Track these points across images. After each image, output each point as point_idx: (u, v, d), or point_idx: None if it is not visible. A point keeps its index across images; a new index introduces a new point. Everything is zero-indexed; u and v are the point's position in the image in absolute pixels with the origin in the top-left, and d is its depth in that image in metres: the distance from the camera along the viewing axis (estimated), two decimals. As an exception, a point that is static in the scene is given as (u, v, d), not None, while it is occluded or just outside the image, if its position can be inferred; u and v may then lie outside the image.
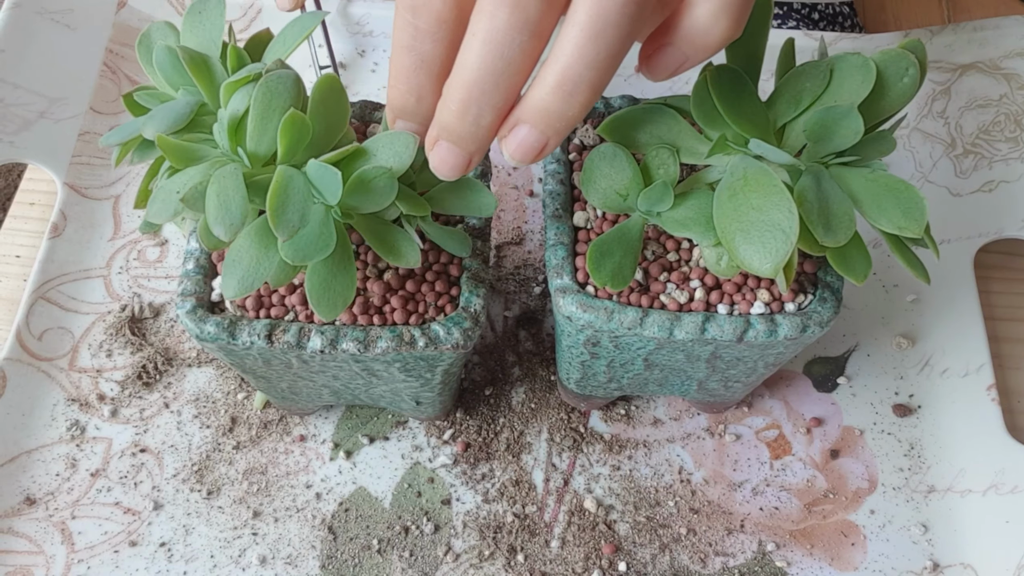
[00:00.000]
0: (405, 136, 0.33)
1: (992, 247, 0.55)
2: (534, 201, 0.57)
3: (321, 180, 0.32)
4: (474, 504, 0.47)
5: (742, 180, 0.34)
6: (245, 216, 0.31)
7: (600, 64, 0.28)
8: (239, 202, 0.31)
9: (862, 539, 0.47)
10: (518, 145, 0.30)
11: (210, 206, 0.31)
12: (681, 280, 0.39)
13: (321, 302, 0.34)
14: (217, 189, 0.31)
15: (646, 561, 0.46)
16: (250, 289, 0.33)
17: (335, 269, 0.34)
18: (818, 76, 0.34)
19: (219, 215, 0.31)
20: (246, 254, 0.33)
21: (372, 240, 0.35)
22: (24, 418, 0.48)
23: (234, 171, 0.32)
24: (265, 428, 0.49)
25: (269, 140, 0.33)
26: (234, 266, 0.33)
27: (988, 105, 0.58)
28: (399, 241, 0.35)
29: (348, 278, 0.34)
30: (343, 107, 0.34)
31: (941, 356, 0.52)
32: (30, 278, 0.52)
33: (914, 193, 0.34)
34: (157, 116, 0.34)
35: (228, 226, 0.31)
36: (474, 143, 0.30)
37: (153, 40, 0.38)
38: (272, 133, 0.32)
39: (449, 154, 0.31)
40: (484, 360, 0.51)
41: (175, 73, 0.36)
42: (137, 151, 0.37)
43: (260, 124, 0.32)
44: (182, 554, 0.45)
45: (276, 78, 0.33)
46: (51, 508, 0.46)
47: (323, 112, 0.33)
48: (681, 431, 0.50)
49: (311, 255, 0.32)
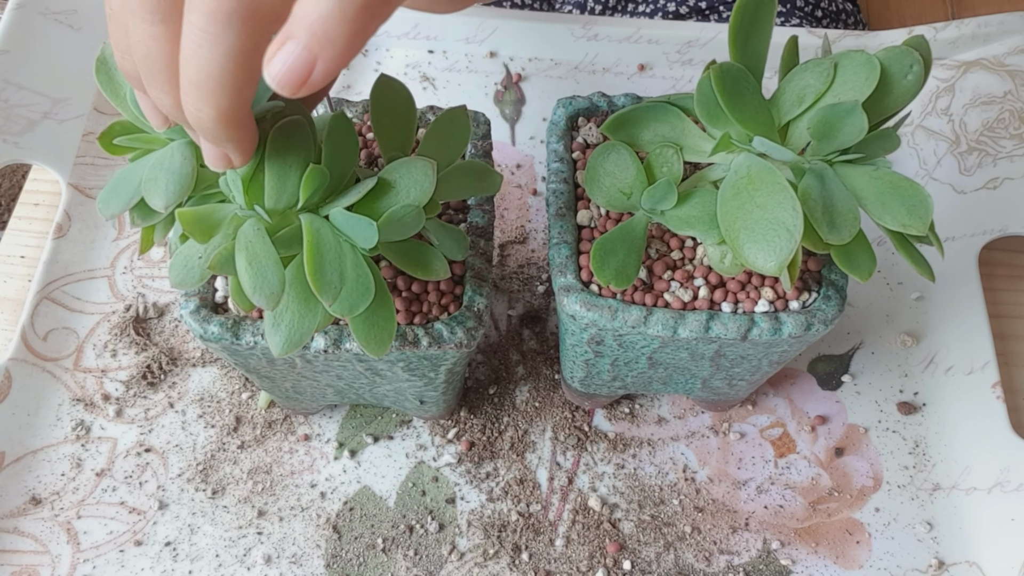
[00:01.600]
0: (422, 164, 0.32)
1: (997, 244, 0.55)
2: (537, 200, 0.57)
3: (353, 229, 0.31)
4: (478, 503, 0.47)
5: (746, 178, 0.34)
6: (283, 283, 0.31)
7: None
8: (273, 268, 0.31)
9: (867, 537, 0.47)
10: (283, 66, 0.24)
11: (244, 275, 0.30)
12: (685, 278, 0.39)
13: (370, 343, 0.33)
14: (247, 256, 0.30)
15: (650, 559, 0.46)
16: (299, 345, 0.32)
17: (376, 307, 0.33)
18: (822, 74, 0.34)
19: (256, 285, 0.30)
20: (288, 312, 0.32)
21: (401, 262, 0.35)
22: (29, 418, 0.48)
23: (258, 231, 0.31)
24: (269, 427, 0.49)
25: (289, 195, 0.32)
26: (277, 326, 0.32)
27: (992, 102, 0.58)
28: (426, 257, 0.35)
29: (388, 312, 0.34)
30: (353, 145, 0.33)
31: (946, 354, 0.52)
32: (34, 278, 0.52)
33: (918, 190, 0.34)
34: (159, 181, 0.32)
35: (268, 296, 0.30)
36: None
37: (111, 66, 0.34)
38: (292, 188, 0.31)
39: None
40: (488, 359, 0.51)
41: None
42: (139, 213, 0.34)
43: (278, 181, 0.31)
44: (187, 553, 0.45)
45: (287, 130, 0.31)
46: (56, 508, 0.46)
47: (336, 155, 0.32)
48: (685, 429, 0.50)
49: (358, 306, 0.32)
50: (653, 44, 0.61)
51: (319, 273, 0.31)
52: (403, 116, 0.35)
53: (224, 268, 0.31)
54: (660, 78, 0.62)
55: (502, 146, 0.59)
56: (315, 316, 0.32)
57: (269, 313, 0.32)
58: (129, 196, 0.33)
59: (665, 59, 0.62)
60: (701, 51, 0.61)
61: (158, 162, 0.32)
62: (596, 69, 0.62)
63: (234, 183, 0.32)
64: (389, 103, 0.34)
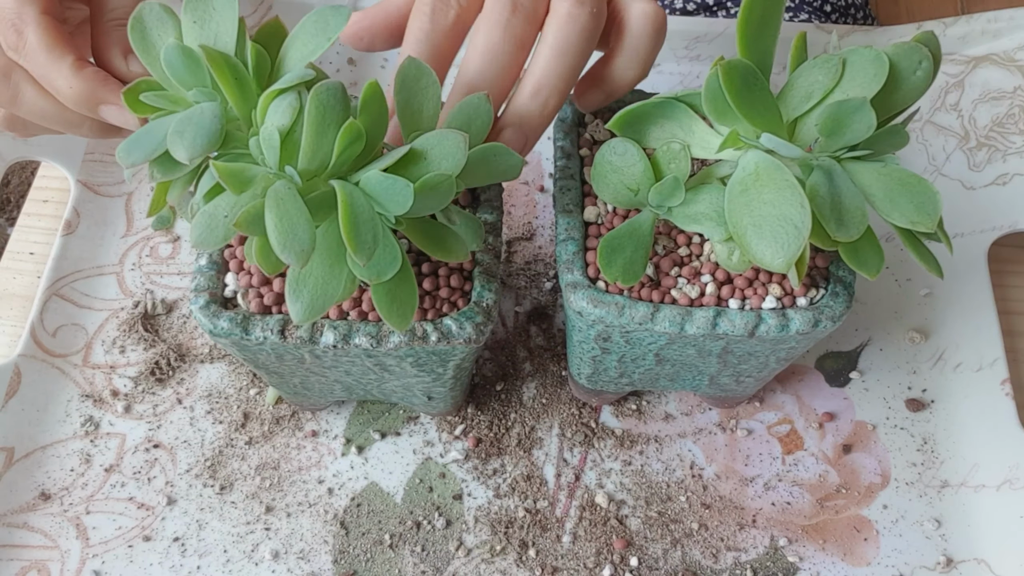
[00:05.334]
0: (455, 135, 0.32)
1: (1006, 240, 0.54)
2: (544, 196, 0.57)
3: (387, 192, 0.31)
4: (486, 499, 0.47)
5: (754, 175, 0.34)
6: (313, 239, 0.30)
7: (565, 75, 0.37)
8: (304, 226, 0.30)
9: (875, 534, 0.47)
10: (507, 141, 0.37)
11: (273, 232, 0.30)
12: (692, 275, 0.39)
13: (392, 314, 0.33)
14: (278, 214, 0.30)
15: (658, 556, 0.46)
16: (320, 312, 0.32)
17: (398, 280, 0.33)
18: (830, 70, 0.34)
19: (286, 242, 0.30)
20: (311, 276, 0.32)
21: (421, 241, 0.34)
22: (39, 414, 0.48)
23: (290, 192, 0.30)
24: (277, 424, 0.49)
25: (324, 155, 0.31)
26: (300, 289, 0.32)
27: (1002, 97, 0.57)
28: (446, 238, 0.35)
29: (410, 286, 0.34)
30: (384, 117, 0.33)
31: (955, 350, 0.51)
32: (44, 275, 0.52)
33: (927, 187, 0.34)
34: (186, 133, 0.32)
35: (299, 252, 0.30)
36: None
37: (147, 25, 0.35)
38: (327, 148, 0.31)
39: None
40: (495, 355, 0.51)
41: (188, 73, 0.34)
42: (159, 166, 0.34)
43: (315, 140, 0.31)
44: (195, 549, 0.45)
45: (327, 90, 0.31)
46: (66, 503, 0.46)
47: (369, 122, 0.32)
48: (692, 426, 0.50)
49: (386, 271, 0.32)
50: (661, 40, 0.61)
51: (355, 230, 0.30)
52: (430, 98, 0.35)
53: (252, 226, 0.30)
54: (668, 74, 0.62)
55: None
56: (339, 282, 0.32)
57: (292, 278, 0.32)
58: (152, 147, 0.33)
59: (673, 55, 0.62)
60: (709, 47, 0.61)
61: (186, 117, 0.32)
62: (603, 65, 0.61)
63: (269, 140, 0.31)
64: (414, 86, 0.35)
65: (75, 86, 0.35)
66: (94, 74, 0.35)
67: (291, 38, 0.34)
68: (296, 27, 0.34)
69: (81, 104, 0.36)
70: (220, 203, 0.32)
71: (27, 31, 0.35)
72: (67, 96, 0.35)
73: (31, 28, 0.35)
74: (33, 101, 0.37)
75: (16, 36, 0.35)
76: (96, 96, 0.35)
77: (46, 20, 0.35)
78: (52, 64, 0.35)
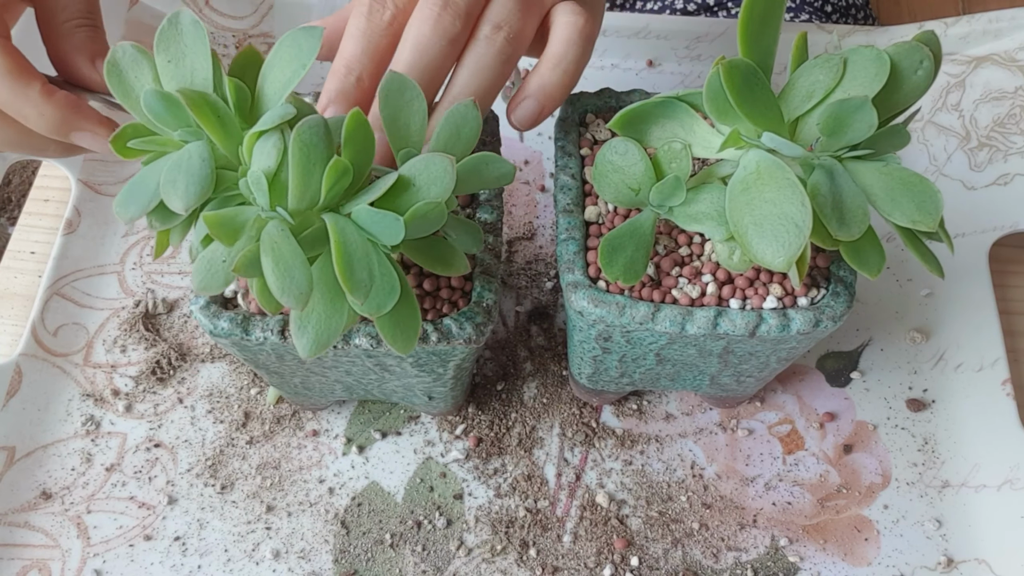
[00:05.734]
0: (441, 161, 0.32)
1: (1007, 241, 0.54)
2: (545, 196, 0.57)
3: (378, 225, 0.31)
4: (486, 499, 0.47)
5: (755, 174, 0.34)
6: (311, 282, 0.30)
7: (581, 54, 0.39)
8: (300, 268, 0.30)
9: (875, 534, 0.47)
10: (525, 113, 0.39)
11: (271, 276, 0.30)
12: (693, 275, 0.39)
13: (396, 340, 0.33)
14: (273, 258, 0.30)
15: (658, 556, 0.46)
16: (326, 346, 0.32)
17: (400, 307, 0.33)
18: (831, 69, 0.34)
19: (284, 286, 0.30)
20: (314, 313, 0.32)
21: (421, 259, 0.35)
22: (40, 413, 0.48)
23: (282, 232, 0.31)
24: (278, 423, 0.49)
25: (312, 193, 0.31)
26: (304, 327, 0.32)
27: (1003, 97, 0.57)
28: (446, 253, 0.35)
29: (413, 309, 0.33)
30: (371, 143, 0.33)
31: (956, 351, 0.51)
32: (45, 274, 0.52)
33: (928, 186, 0.34)
34: (178, 183, 0.31)
35: (297, 296, 0.30)
36: None
37: (123, 68, 0.34)
38: (315, 187, 0.31)
39: None
40: (496, 355, 0.51)
41: (170, 116, 0.33)
42: (157, 216, 0.34)
43: (302, 180, 0.31)
44: (196, 548, 0.45)
45: (308, 129, 0.31)
46: (67, 502, 0.46)
47: (356, 152, 0.32)
48: (693, 426, 0.50)
49: (385, 304, 0.32)
50: (662, 40, 0.61)
51: (349, 271, 0.30)
52: (416, 112, 0.35)
53: (249, 271, 0.30)
54: (669, 74, 0.62)
55: (510, 142, 0.59)
56: (342, 316, 0.32)
57: (295, 315, 0.32)
58: (147, 199, 0.33)
59: (674, 55, 0.62)
60: (710, 47, 0.61)
61: (176, 164, 0.32)
62: (604, 65, 0.62)
63: (256, 184, 0.31)
64: (399, 100, 0.34)
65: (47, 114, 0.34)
66: (65, 100, 0.34)
67: (267, 66, 0.34)
68: (270, 54, 0.34)
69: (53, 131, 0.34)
70: (217, 248, 0.32)
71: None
72: (37, 124, 0.34)
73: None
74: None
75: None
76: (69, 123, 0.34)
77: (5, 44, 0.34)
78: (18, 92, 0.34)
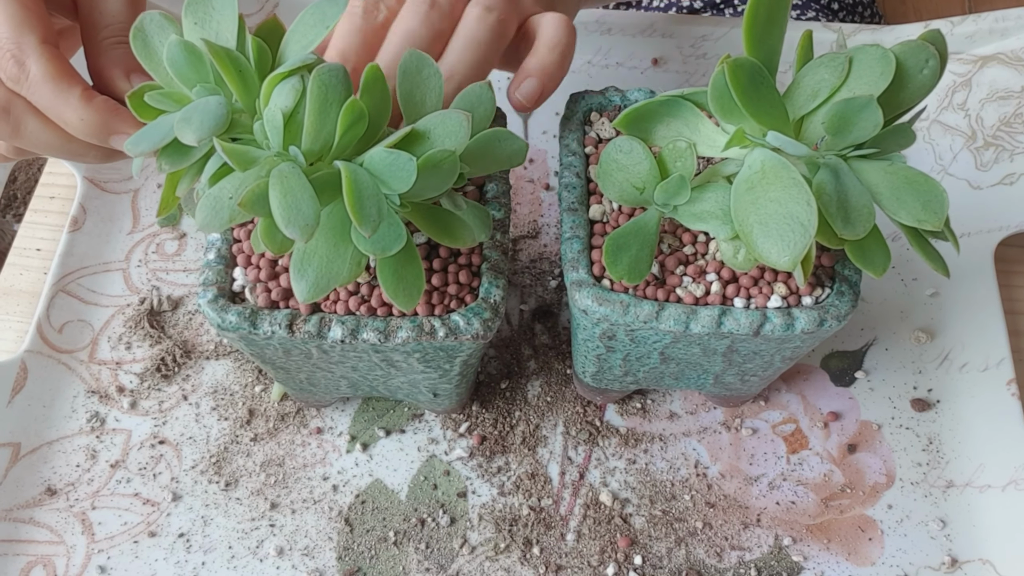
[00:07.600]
0: (457, 115, 0.32)
1: (1013, 240, 0.54)
2: (550, 195, 0.57)
3: (390, 169, 0.31)
4: (490, 497, 0.47)
5: (760, 173, 0.34)
6: (318, 214, 0.30)
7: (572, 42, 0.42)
8: (308, 201, 0.30)
9: (879, 534, 0.47)
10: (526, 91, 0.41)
11: (277, 209, 0.30)
12: (697, 274, 0.39)
13: (398, 293, 0.33)
14: (281, 190, 0.30)
15: (662, 555, 0.46)
16: (325, 291, 0.32)
17: (404, 260, 0.33)
18: (837, 68, 0.34)
19: (290, 217, 0.30)
20: (316, 254, 0.32)
21: (427, 226, 0.34)
22: (45, 410, 0.49)
23: (294, 170, 0.31)
24: (282, 420, 0.49)
25: (327, 135, 0.32)
26: (305, 267, 0.32)
27: (1009, 97, 0.57)
28: (452, 224, 0.35)
29: (417, 267, 0.34)
30: (387, 100, 0.33)
31: (960, 350, 0.51)
32: (50, 271, 0.52)
33: (934, 185, 0.34)
34: (193, 119, 0.32)
35: (303, 227, 0.30)
36: None
37: (148, 33, 0.35)
38: (330, 127, 0.31)
39: None
40: (500, 353, 0.51)
41: (191, 69, 0.34)
42: (167, 156, 0.34)
43: (318, 120, 0.31)
44: (200, 545, 0.45)
45: (329, 72, 0.31)
46: (71, 499, 0.46)
47: (371, 104, 0.32)
48: (697, 425, 0.50)
49: (391, 246, 0.32)
50: (667, 38, 0.61)
51: (359, 204, 0.30)
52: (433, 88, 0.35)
53: (256, 205, 0.30)
54: (674, 72, 0.62)
55: (515, 140, 0.59)
56: (344, 260, 0.32)
57: (296, 257, 0.32)
58: (159, 137, 0.33)
59: (679, 53, 0.61)
60: (715, 45, 0.61)
61: (192, 106, 0.32)
62: (609, 63, 0.61)
63: (272, 122, 0.31)
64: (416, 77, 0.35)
65: (86, 118, 0.34)
66: (105, 104, 0.35)
67: (290, 32, 0.35)
68: (294, 22, 0.35)
69: (92, 135, 0.35)
70: (225, 185, 0.32)
71: (29, 62, 0.34)
72: (77, 128, 0.35)
73: (33, 59, 0.34)
74: (37, 133, 0.36)
75: (17, 68, 0.34)
76: (109, 127, 0.35)
77: (48, 50, 0.34)
78: (59, 96, 0.34)
